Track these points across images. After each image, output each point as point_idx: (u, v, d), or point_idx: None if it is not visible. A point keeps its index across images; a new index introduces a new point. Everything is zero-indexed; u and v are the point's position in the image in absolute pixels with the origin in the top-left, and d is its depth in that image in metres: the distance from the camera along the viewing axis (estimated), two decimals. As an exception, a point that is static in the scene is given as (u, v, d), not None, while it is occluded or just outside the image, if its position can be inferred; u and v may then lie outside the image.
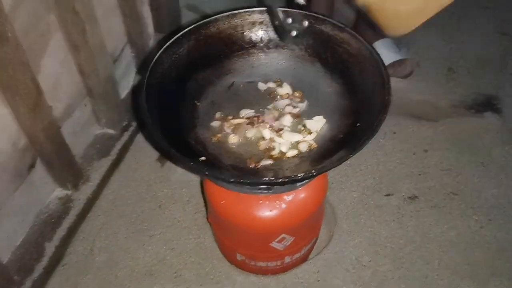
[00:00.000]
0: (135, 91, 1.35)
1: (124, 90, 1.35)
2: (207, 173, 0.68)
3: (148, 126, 0.68)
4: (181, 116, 0.77)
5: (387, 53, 1.40)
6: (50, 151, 1.06)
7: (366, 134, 0.66)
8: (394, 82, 1.41)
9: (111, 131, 1.30)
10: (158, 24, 1.43)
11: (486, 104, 1.36)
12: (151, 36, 1.37)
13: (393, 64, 1.42)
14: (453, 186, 1.18)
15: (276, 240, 0.87)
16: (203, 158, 0.70)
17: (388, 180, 1.19)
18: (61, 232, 1.11)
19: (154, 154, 1.27)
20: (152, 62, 0.75)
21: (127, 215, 1.15)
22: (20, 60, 0.88)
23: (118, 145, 1.28)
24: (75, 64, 1.11)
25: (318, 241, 1.08)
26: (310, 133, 0.76)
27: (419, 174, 1.20)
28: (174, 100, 0.78)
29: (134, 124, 1.33)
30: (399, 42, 1.44)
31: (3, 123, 0.94)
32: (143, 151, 1.28)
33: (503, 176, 1.19)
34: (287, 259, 0.96)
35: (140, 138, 1.31)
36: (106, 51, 1.15)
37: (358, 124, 0.72)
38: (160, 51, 0.76)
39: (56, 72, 1.06)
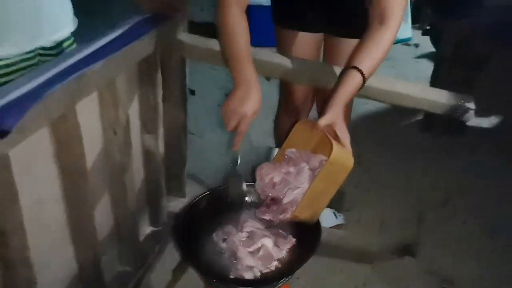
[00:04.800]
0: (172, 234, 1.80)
1: (141, 236, 1.81)
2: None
3: (183, 258, 1.15)
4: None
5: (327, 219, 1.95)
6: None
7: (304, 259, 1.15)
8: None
9: (128, 269, 1.71)
10: (169, 187, 1.96)
11: (406, 250, 1.85)
12: (164, 197, 1.88)
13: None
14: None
15: None
16: None
17: (337, 310, 1.62)
18: None
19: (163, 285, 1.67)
20: (182, 217, 1.24)
21: None
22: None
23: (133, 280, 1.68)
24: (113, 218, 1.59)
25: None
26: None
27: (361, 304, 1.64)
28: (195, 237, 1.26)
29: (146, 262, 1.75)
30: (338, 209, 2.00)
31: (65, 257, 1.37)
32: (153, 285, 1.67)
33: (422, 304, 1.64)
34: None
35: (150, 274, 1.72)
36: (133, 208, 1.65)
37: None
38: (185, 210, 1.27)
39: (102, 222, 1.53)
